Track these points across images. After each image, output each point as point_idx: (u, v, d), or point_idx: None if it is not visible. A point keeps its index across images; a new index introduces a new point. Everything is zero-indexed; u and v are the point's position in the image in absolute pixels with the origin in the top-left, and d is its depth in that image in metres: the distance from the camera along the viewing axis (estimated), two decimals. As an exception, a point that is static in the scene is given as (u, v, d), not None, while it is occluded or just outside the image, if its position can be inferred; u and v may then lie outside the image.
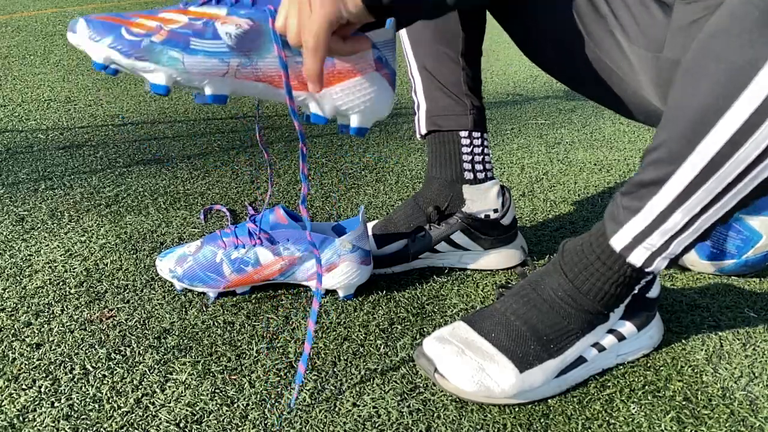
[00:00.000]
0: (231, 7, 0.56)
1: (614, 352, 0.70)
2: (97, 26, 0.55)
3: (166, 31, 0.55)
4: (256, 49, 0.56)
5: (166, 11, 0.57)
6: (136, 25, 0.55)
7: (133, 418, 0.62)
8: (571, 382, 0.68)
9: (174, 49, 0.54)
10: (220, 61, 0.55)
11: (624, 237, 0.63)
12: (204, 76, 0.55)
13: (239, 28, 0.55)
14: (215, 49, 0.55)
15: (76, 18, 0.57)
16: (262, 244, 0.80)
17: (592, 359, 0.69)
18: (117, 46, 0.54)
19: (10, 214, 1.05)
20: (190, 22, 0.55)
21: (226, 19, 0.55)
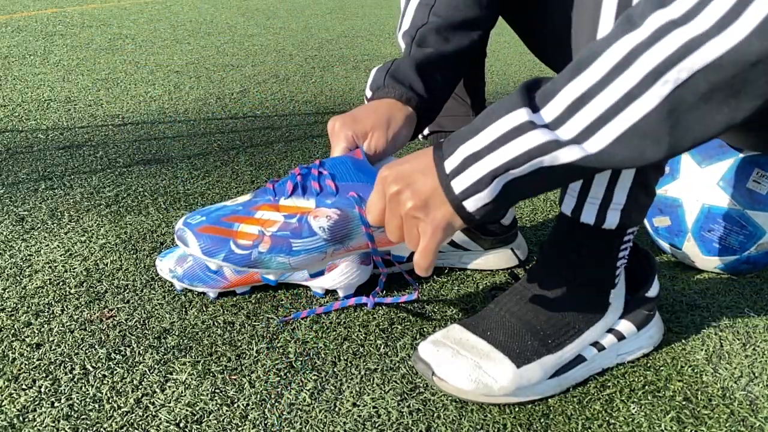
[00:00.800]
0: (317, 197, 0.61)
1: (614, 352, 0.70)
2: (207, 242, 0.61)
3: (269, 238, 0.60)
4: (347, 235, 0.62)
5: (260, 208, 0.62)
6: (241, 235, 0.61)
7: (133, 418, 0.62)
8: (571, 381, 0.68)
9: (280, 255, 0.61)
10: (319, 253, 0.61)
11: (569, 199, 0.65)
12: (307, 266, 0.62)
13: (330, 219, 0.60)
14: (314, 245, 0.61)
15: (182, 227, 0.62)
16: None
17: (592, 358, 0.69)
18: (230, 260, 0.60)
19: (10, 214, 1.05)
20: (286, 221, 0.61)
21: (316, 212, 0.61)
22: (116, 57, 2.35)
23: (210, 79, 2.08)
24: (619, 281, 0.69)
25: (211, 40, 2.81)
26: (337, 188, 0.61)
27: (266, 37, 2.98)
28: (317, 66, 2.38)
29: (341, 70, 2.33)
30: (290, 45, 2.81)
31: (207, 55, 2.47)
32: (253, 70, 2.24)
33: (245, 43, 2.78)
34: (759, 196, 0.84)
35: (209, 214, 0.63)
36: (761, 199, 0.83)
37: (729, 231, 0.85)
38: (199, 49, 2.60)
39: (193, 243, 0.61)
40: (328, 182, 0.61)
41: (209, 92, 1.91)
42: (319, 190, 0.61)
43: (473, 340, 0.67)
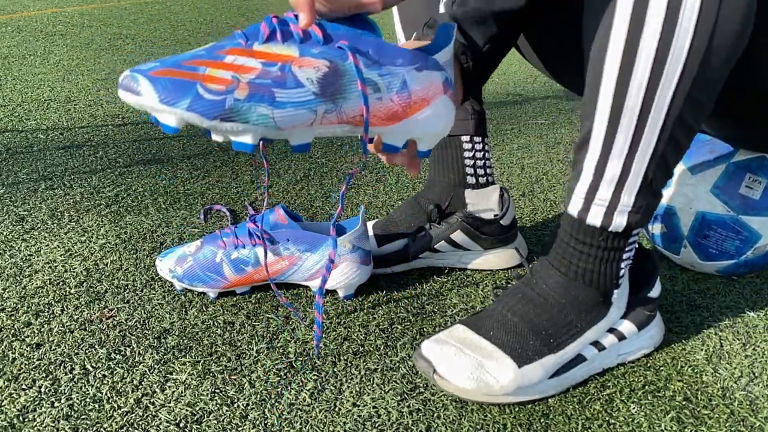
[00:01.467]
0: (301, 45, 0.51)
1: (615, 352, 0.71)
2: (167, 86, 0.48)
3: (246, 84, 0.49)
4: (340, 92, 0.52)
5: (230, 52, 0.50)
6: (209, 79, 0.49)
7: (133, 418, 0.62)
8: (572, 381, 0.68)
9: (261, 105, 0.49)
10: (308, 111, 0.51)
11: (577, 201, 0.64)
12: (293, 129, 0.51)
13: (318, 71, 0.51)
14: (302, 98, 0.51)
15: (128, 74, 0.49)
16: (263, 244, 0.80)
17: (592, 358, 0.69)
18: (197, 109, 0.48)
19: (10, 214, 1.05)
20: (265, 68, 0.50)
21: (301, 61, 0.51)
22: (116, 57, 2.35)
23: (210, 79, 2.08)
24: (623, 282, 0.69)
25: (211, 40, 2.81)
26: (325, 36, 0.51)
27: (266, 37, 2.98)
28: (317, 66, 2.38)
29: (341, 70, 2.33)
30: (290, 45, 2.81)
31: (207, 55, 2.47)
32: (253, 70, 2.24)
33: (245, 43, 2.78)
34: (752, 201, 0.83)
35: (163, 60, 0.50)
36: (755, 204, 0.83)
37: (725, 237, 0.85)
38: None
39: (147, 90, 0.47)
40: (313, 28, 0.51)
41: (209, 92, 1.91)
42: (302, 36, 0.51)
43: (476, 339, 0.67)
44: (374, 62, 0.53)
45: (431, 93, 0.56)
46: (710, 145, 0.88)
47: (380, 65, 0.53)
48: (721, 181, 0.85)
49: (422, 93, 0.55)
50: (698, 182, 0.87)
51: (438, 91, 0.57)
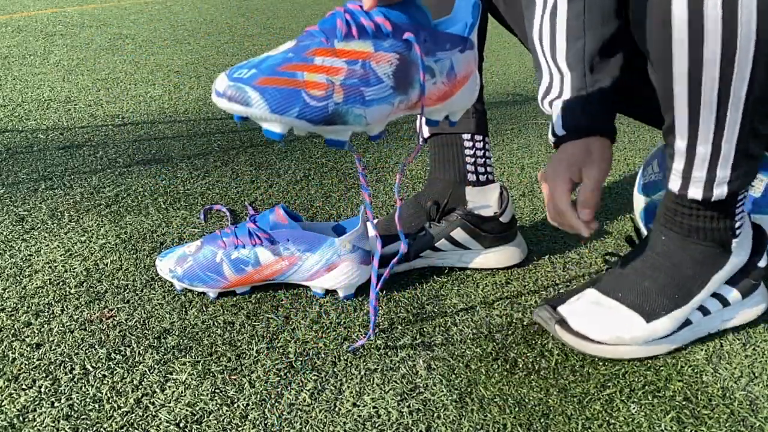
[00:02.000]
0: (374, 40, 0.54)
1: (719, 317, 0.75)
2: (275, 96, 0.51)
3: (340, 87, 0.53)
4: (410, 84, 0.56)
5: (316, 53, 0.53)
6: (310, 85, 0.52)
7: (133, 418, 0.62)
8: (680, 342, 0.74)
9: (356, 106, 0.53)
10: (389, 105, 0.55)
11: (675, 178, 0.67)
12: (376, 123, 0.55)
13: (392, 65, 0.54)
14: (384, 94, 0.55)
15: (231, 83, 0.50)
16: (262, 244, 0.80)
17: (698, 322, 0.73)
18: (306, 116, 0.52)
19: (10, 214, 1.05)
20: (350, 67, 0.53)
21: (376, 56, 0.54)
22: (116, 57, 2.35)
23: (210, 79, 2.08)
24: (741, 231, 0.71)
25: (211, 40, 2.81)
26: (391, 25, 0.54)
27: (266, 37, 2.98)
28: (317, 66, 2.38)
29: (341, 70, 2.33)
30: (290, 45, 2.81)
31: (207, 55, 2.47)
32: (253, 70, 2.24)
33: (245, 43, 2.78)
34: (754, 198, 0.84)
35: (258, 66, 0.53)
36: (757, 201, 0.83)
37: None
38: (199, 49, 2.60)
39: (258, 100, 0.50)
40: (379, 20, 0.54)
41: (209, 92, 1.91)
42: (374, 29, 0.54)
43: (607, 300, 0.74)
44: (430, 50, 0.56)
45: (469, 71, 0.60)
46: None
47: (435, 52, 0.56)
48: None
49: (464, 72, 0.59)
50: None
51: (473, 68, 0.61)
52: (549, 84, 0.77)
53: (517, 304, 0.83)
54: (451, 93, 0.59)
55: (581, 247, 1.00)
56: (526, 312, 0.82)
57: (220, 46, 2.69)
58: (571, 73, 0.74)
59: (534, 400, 0.66)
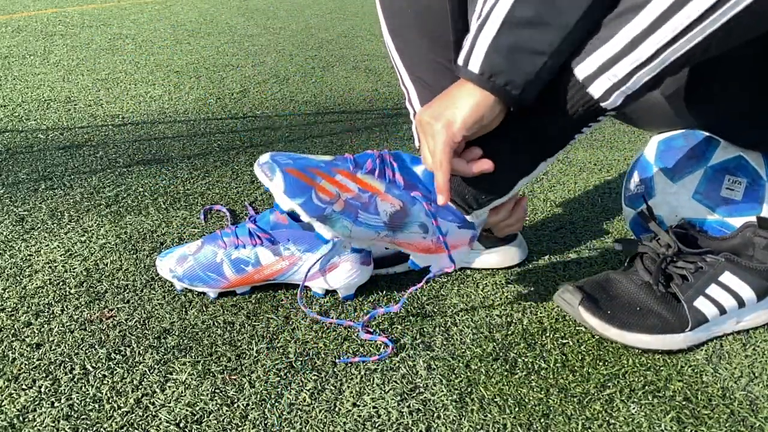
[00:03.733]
0: (388, 184, 0.69)
1: (734, 317, 0.75)
2: (292, 183, 0.65)
3: (343, 201, 0.67)
4: (400, 227, 0.70)
5: (340, 172, 0.68)
6: (321, 189, 0.66)
7: (133, 418, 0.62)
8: (695, 341, 0.75)
9: (347, 220, 0.67)
10: (374, 232, 0.69)
11: (589, 65, 0.61)
12: (358, 240, 0.69)
13: (393, 207, 0.69)
14: (374, 223, 0.68)
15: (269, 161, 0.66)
16: (263, 244, 0.80)
17: (714, 321, 0.74)
18: (305, 208, 0.65)
19: (10, 214, 1.05)
20: (359, 193, 0.68)
21: (385, 196, 0.69)
22: (116, 57, 2.35)
23: (210, 79, 2.08)
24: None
25: (211, 40, 2.81)
26: (405, 183, 0.70)
27: (266, 37, 2.98)
28: (317, 66, 2.38)
29: (341, 70, 2.33)
30: (290, 45, 2.81)
31: (207, 55, 2.47)
32: (253, 70, 2.24)
33: (245, 43, 2.78)
34: (734, 202, 0.84)
35: (296, 160, 0.68)
36: (737, 205, 0.84)
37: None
38: (199, 49, 2.60)
39: (279, 180, 0.65)
40: (397, 176, 0.70)
41: (209, 92, 1.91)
42: (391, 177, 0.69)
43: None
44: (432, 213, 0.71)
45: (458, 243, 0.74)
46: (686, 151, 0.88)
47: (436, 216, 0.71)
48: (701, 187, 0.85)
49: (453, 241, 0.73)
50: (680, 190, 0.87)
51: (464, 242, 0.75)
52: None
53: (517, 304, 0.83)
54: (435, 250, 0.73)
55: (581, 247, 1.00)
56: (526, 312, 0.82)
57: (220, 46, 2.69)
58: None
59: (534, 400, 0.66)
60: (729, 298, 0.74)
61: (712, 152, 0.86)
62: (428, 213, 0.70)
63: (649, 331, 0.72)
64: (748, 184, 0.83)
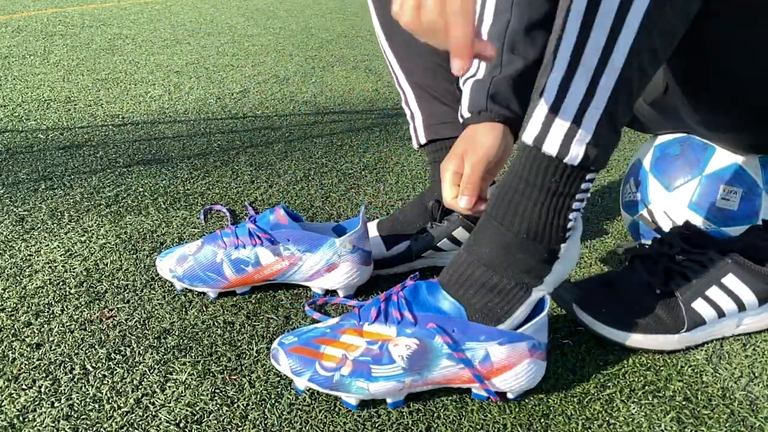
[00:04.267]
0: (398, 326, 0.63)
1: (734, 320, 0.74)
2: (296, 361, 0.65)
3: (351, 362, 0.63)
4: (426, 366, 0.63)
5: (345, 332, 0.65)
6: (326, 357, 0.64)
7: (133, 418, 0.62)
8: (692, 342, 0.74)
9: (359, 380, 0.63)
10: (397, 382, 0.63)
11: (534, 126, 0.60)
12: (385, 394, 0.64)
13: (409, 348, 0.62)
14: (392, 373, 0.63)
15: (277, 346, 0.67)
16: (263, 244, 0.80)
17: (712, 323, 0.73)
18: (315, 382, 0.64)
19: (10, 214, 1.05)
20: (368, 346, 0.63)
21: (396, 340, 0.63)
22: (116, 57, 2.35)
23: (210, 79, 2.08)
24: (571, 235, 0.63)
25: (211, 40, 2.81)
26: (416, 318, 0.63)
27: (266, 37, 2.98)
28: (317, 66, 2.38)
29: (341, 70, 2.33)
30: (290, 45, 2.81)
31: (207, 55, 2.47)
32: (253, 70, 2.24)
33: (245, 43, 2.78)
34: (730, 212, 0.83)
35: (300, 336, 0.67)
36: (733, 215, 0.83)
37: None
38: (199, 49, 2.60)
39: (284, 362, 0.65)
40: (406, 314, 0.63)
41: (209, 92, 1.91)
42: (399, 318, 0.63)
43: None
44: (458, 340, 0.62)
45: (513, 360, 0.63)
46: (681, 159, 0.88)
47: (463, 341, 0.62)
48: (696, 197, 0.85)
49: (504, 362, 0.63)
50: (675, 200, 0.86)
51: (523, 357, 0.63)
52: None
53: (517, 304, 0.83)
54: (486, 377, 0.63)
55: (581, 246, 1.00)
56: (526, 312, 0.82)
57: (220, 46, 2.69)
58: None
59: (534, 400, 0.66)
60: (729, 302, 0.73)
61: (708, 160, 0.86)
62: (450, 345, 0.62)
63: (643, 331, 0.72)
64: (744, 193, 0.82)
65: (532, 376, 0.64)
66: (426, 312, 0.63)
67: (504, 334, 0.62)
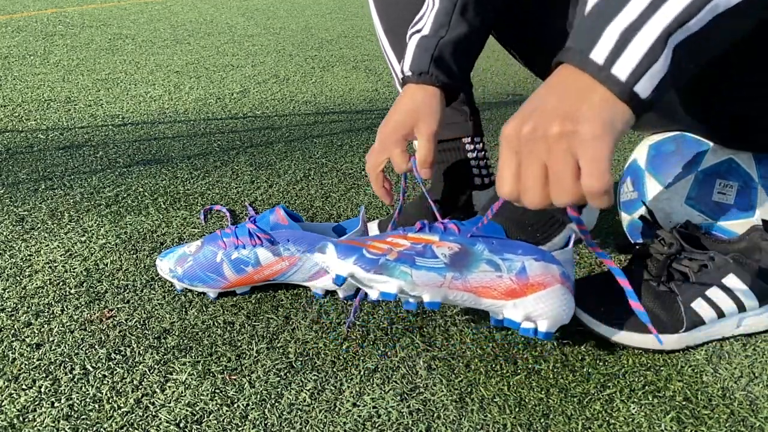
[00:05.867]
0: (442, 234, 0.68)
1: (735, 322, 0.74)
2: (342, 249, 0.66)
3: (396, 252, 0.66)
4: (466, 266, 0.66)
5: (391, 236, 0.68)
6: (372, 247, 0.66)
7: (133, 418, 0.62)
8: (691, 342, 0.74)
9: (404, 265, 0.64)
10: (438, 274, 0.65)
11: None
12: (425, 287, 0.65)
13: (451, 249, 0.66)
14: (435, 265, 0.65)
15: (323, 243, 0.68)
16: (263, 244, 0.80)
17: (711, 323, 0.73)
18: (360, 264, 0.65)
19: (10, 214, 1.05)
20: (412, 245, 0.67)
21: (439, 243, 0.67)
22: (116, 57, 2.35)
23: (210, 79, 2.08)
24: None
25: (211, 40, 2.81)
26: (459, 230, 0.68)
27: (266, 37, 2.98)
28: (317, 66, 2.38)
29: (341, 70, 2.33)
30: (290, 45, 2.81)
31: (207, 55, 2.47)
32: (253, 70, 2.24)
33: (245, 43, 2.78)
34: (727, 206, 0.84)
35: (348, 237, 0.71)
36: (730, 209, 0.84)
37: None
38: (199, 49, 2.60)
39: (331, 251, 0.66)
40: (451, 226, 0.69)
41: (209, 92, 1.91)
42: (443, 229, 0.68)
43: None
44: (497, 249, 0.66)
45: (548, 280, 0.66)
46: (677, 155, 0.88)
47: (502, 252, 0.66)
48: (693, 192, 0.85)
49: (539, 278, 0.66)
50: (672, 196, 0.87)
51: (555, 280, 0.67)
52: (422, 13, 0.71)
53: (517, 304, 0.83)
54: (522, 292, 0.65)
55: (581, 246, 1.00)
56: (526, 312, 0.82)
57: (220, 46, 2.69)
58: (439, 5, 0.68)
59: (534, 400, 0.66)
60: (729, 302, 0.73)
61: (702, 156, 0.86)
62: (490, 247, 0.66)
63: (640, 330, 0.72)
64: (740, 187, 0.83)
65: (564, 306, 0.66)
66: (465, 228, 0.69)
67: (539, 251, 0.67)
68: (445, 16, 0.68)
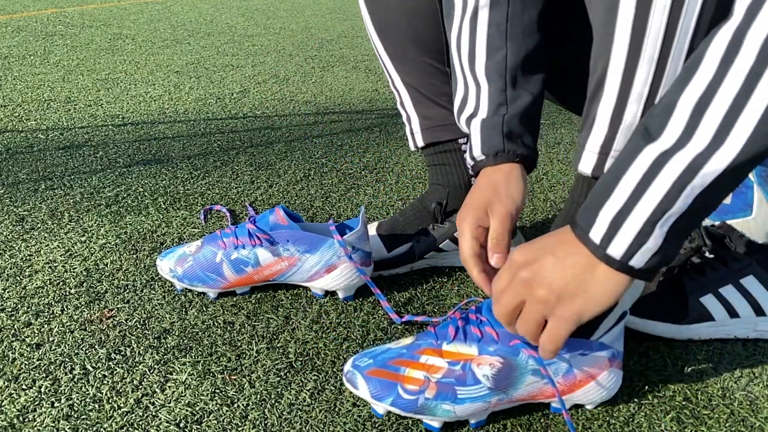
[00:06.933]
0: (479, 344, 0.62)
1: (751, 325, 0.73)
2: (376, 385, 0.61)
3: (435, 384, 0.61)
4: (512, 384, 0.61)
5: (424, 352, 0.63)
6: (407, 380, 0.61)
7: (133, 418, 0.62)
8: (696, 335, 0.72)
9: (445, 402, 0.61)
10: (483, 403, 0.61)
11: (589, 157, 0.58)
12: (470, 415, 0.62)
13: (493, 368, 0.61)
14: (478, 393, 0.61)
15: (351, 369, 0.64)
16: (262, 244, 0.80)
17: (722, 321, 0.71)
18: (398, 405, 0.61)
19: (10, 214, 1.05)
20: (450, 367, 0.61)
21: (479, 359, 0.61)
22: (116, 57, 2.35)
23: (210, 79, 2.08)
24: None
25: (211, 40, 2.81)
26: (498, 335, 0.61)
27: (266, 37, 2.98)
28: (317, 66, 2.38)
29: (341, 70, 2.33)
30: (290, 45, 2.81)
31: (207, 55, 2.47)
32: (253, 70, 2.24)
33: (245, 43, 2.78)
34: (724, 206, 0.84)
35: (376, 357, 0.64)
36: (728, 209, 0.84)
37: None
38: (199, 49, 2.60)
39: (363, 386, 0.62)
40: (488, 329, 0.62)
41: (209, 92, 1.91)
42: (480, 336, 0.62)
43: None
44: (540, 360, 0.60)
45: (595, 371, 0.63)
46: None
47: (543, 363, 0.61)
48: None
49: (587, 373, 0.63)
50: None
51: (603, 368, 0.63)
52: (464, 96, 0.69)
53: (517, 304, 0.83)
54: (569, 391, 0.63)
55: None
56: (526, 312, 0.82)
57: (220, 46, 2.69)
58: (489, 85, 0.66)
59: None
60: (744, 303, 0.72)
61: None
62: (537, 359, 0.61)
63: (643, 315, 0.72)
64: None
65: (611, 386, 0.64)
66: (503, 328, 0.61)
67: (585, 344, 0.62)
68: (500, 94, 0.66)
